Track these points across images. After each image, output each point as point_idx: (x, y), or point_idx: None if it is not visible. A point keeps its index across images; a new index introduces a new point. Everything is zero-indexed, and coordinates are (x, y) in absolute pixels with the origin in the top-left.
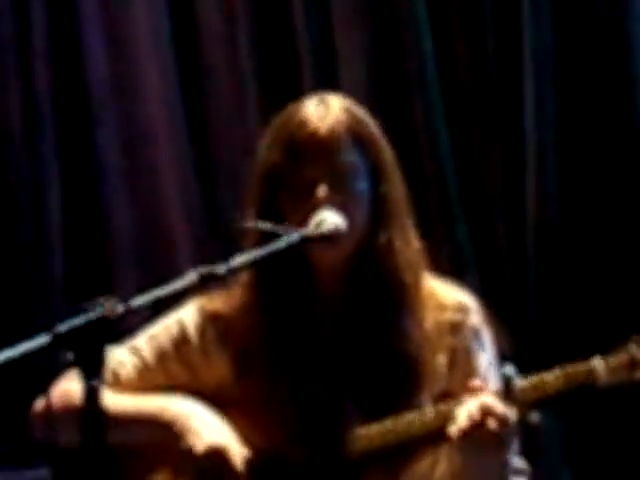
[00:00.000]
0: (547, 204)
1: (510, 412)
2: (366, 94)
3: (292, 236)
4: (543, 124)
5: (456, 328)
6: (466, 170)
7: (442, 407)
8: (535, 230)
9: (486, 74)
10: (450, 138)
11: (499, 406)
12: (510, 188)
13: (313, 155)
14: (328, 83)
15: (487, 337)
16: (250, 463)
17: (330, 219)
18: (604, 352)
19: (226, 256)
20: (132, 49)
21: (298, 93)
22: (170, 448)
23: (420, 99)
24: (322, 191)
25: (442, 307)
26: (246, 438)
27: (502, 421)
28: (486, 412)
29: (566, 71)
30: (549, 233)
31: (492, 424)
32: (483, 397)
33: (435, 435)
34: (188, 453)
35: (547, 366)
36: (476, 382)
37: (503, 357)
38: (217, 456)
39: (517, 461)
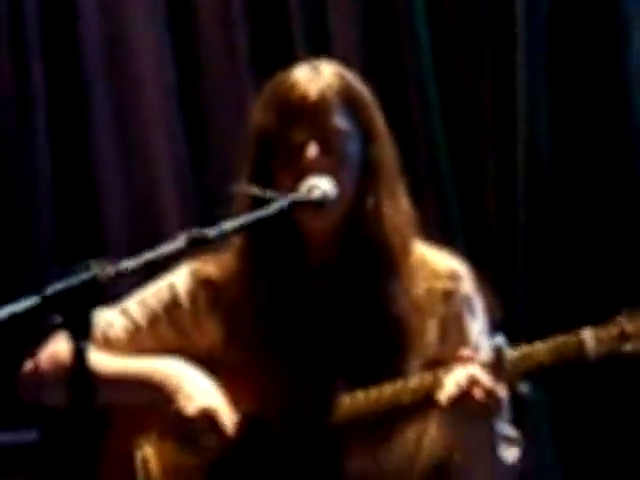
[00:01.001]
0: (538, 170)
1: (497, 384)
2: (359, 59)
3: (282, 201)
4: (535, 82)
5: (448, 296)
6: (456, 134)
7: (429, 376)
8: (525, 196)
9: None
10: (440, 101)
11: (486, 377)
12: (501, 154)
13: (303, 118)
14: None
15: (479, 305)
16: (238, 427)
17: (320, 185)
18: (594, 322)
19: (212, 218)
20: (126, 21)
21: (290, 55)
22: (158, 409)
23: (411, 61)
24: (312, 151)
25: (434, 274)
26: (234, 403)
27: (489, 392)
28: (473, 382)
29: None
30: (539, 200)
31: (479, 394)
32: (471, 368)
33: (422, 403)
34: (178, 415)
35: (536, 335)
36: (466, 351)
37: (494, 325)
38: (208, 418)
39: (509, 430)
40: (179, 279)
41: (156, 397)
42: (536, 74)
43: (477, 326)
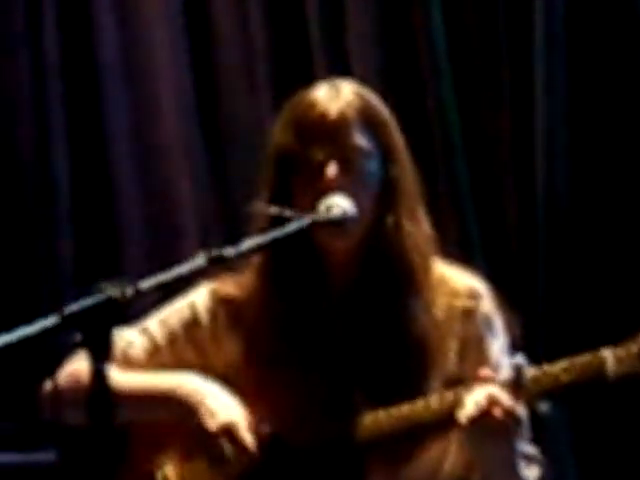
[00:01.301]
0: (557, 187)
1: (517, 403)
2: (378, 81)
3: (301, 220)
4: (553, 102)
5: (468, 315)
6: (476, 151)
7: (450, 394)
8: (545, 215)
9: (498, 51)
10: (461, 123)
11: (505, 396)
12: (520, 173)
13: (322, 137)
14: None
15: (499, 324)
16: (259, 444)
17: (339, 204)
18: (614, 341)
19: (233, 239)
20: (142, 20)
21: (309, 74)
22: (181, 427)
23: (432, 86)
24: (331, 170)
25: (454, 293)
26: (254, 421)
27: (507, 411)
28: (492, 401)
29: (577, 49)
30: (559, 218)
31: (498, 413)
32: (490, 387)
33: (443, 422)
34: (201, 431)
35: (557, 354)
36: (486, 371)
37: (514, 344)
38: (230, 435)
39: (530, 449)
40: (199, 298)
41: (178, 412)
42: (555, 93)
43: (497, 345)
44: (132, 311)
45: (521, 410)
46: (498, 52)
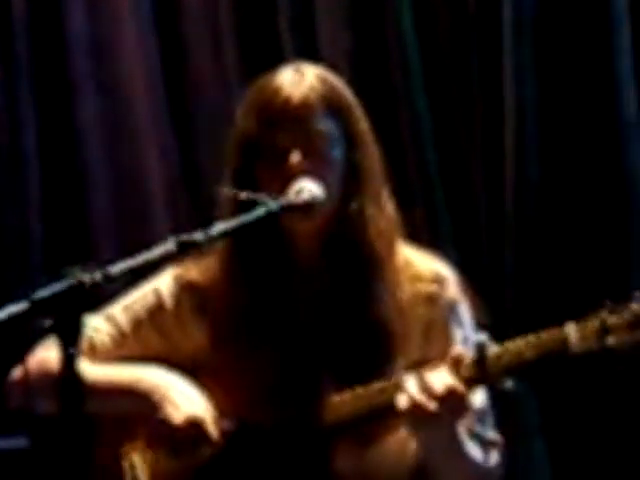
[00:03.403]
0: (526, 170)
1: (458, 387)
2: (346, 63)
3: (271, 204)
4: (523, 88)
5: (432, 299)
6: (445, 138)
7: (397, 378)
8: (514, 201)
9: (467, 35)
10: (429, 106)
11: (441, 386)
12: (488, 155)
13: (286, 122)
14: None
15: (464, 309)
16: (226, 433)
17: (308, 187)
18: (578, 318)
19: (204, 224)
20: (112, 9)
21: (278, 57)
22: (145, 419)
23: (399, 68)
24: (295, 157)
25: (418, 278)
26: (222, 406)
27: (443, 399)
28: (427, 392)
29: (546, 26)
30: (527, 201)
31: (431, 405)
32: (432, 374)
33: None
34: (165, 424)
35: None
36: (457, 350)
37: (482, 327)
38: (194, 427)
39: (490, 434)
40: (163, 284)
41: (142, 406)
42: (524, 80)
43: (461, 332)
44: (102, 296)
45: (464, 392)
46: (467, 36)
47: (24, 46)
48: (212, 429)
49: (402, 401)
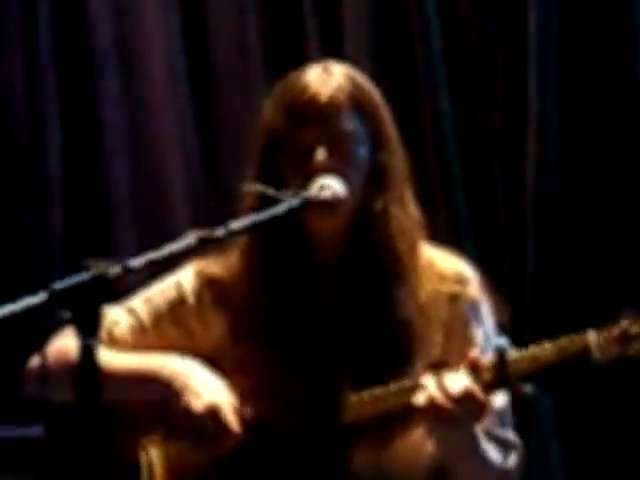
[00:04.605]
0: (547, 173)
1: (476, 391)
2: (371, 63)
3: (293, 200)
4: (545, 91)
5: (454, 299)
6: (467, 140)
7: (415, 378)
8: (534, 200)
9: (491, 37)
10: (452, 108)
11: (459, 387)
12: (510, 157)
13: (313, 120)
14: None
15: (485, 309)
16: (244, 426)
17: (331, 184)
18: (600, 325)
19: (224, 217)
20: (137, 4)
21: (302, 57)
22: (165, 407)
23: (424, 67)
24: (320, 155)
25: (441, 277)
26: (239, 402)
27: (458, 401)
28: (444, 393)
29: (570, 38)
30: (548, 203)
31: (448, 406)
32: (452, 376)
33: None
34: (185, 411)
35: (543, 338)
36: (474, 353)
37: (501, 329)
38: (215, 416)
39: (509, 435)
40: (185, 278)
41: (163, 393)
42: (547, 78)
43: (482, 331)
44: (122, 289)
45: (481, 398)
46: (492, 38)
47: (50, 41)
48: (232, 418)
49: (420, 399)
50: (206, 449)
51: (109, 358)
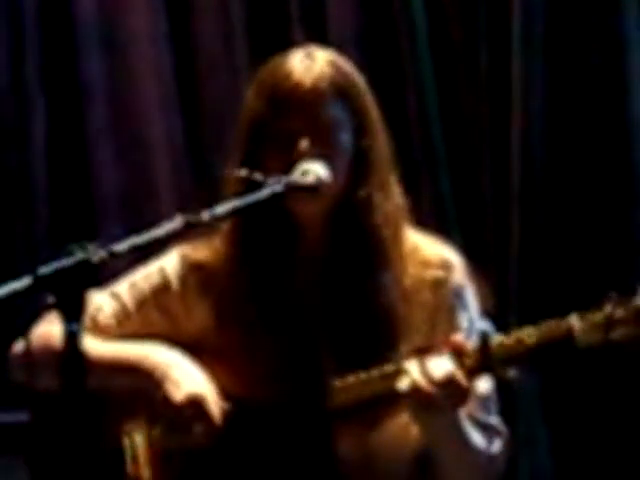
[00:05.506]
0: (532, 158)
1: (459, 375)
2: (355, 47)
3: (276, 185)
4: (531, 76)
5: (438, 285)
6: (452, 123)
7: (397, 363)
8: (520, 185)
9: (476, 21)
10: (437, 91)
11: (442, 372)
12: (495, 143)
13: (296, 107)
14: (317, 34)
15: (470, 295)
16: (227, 414)
17: (315, 169)
18: (584, 310)
19: (210, 204)
20: (123, 8)
21: (286, 41)
22: (147, 396)
23: (408, 52)
24: (304, 144)
25: (425, 263)
26: (224, 387)
27: (441, 387)
28: (427, 377)
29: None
30: (533, 187)
31: (431, 390)
32: (435, 361)
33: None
34: (166, 401)
35: (528, 323)
36: (457, 337)
37: (485, 315)
38: (195, 406)
39: (494, 421)
40: (169, 263)
41: (144, 383)
42: (531, 64)
43: (467, 317)
44: (106, 273)
45: (465, 381)
46: (476, 22)
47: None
48: (212, 408)
49: (403, 384)
50: (187, 437)
51: (92, 346)
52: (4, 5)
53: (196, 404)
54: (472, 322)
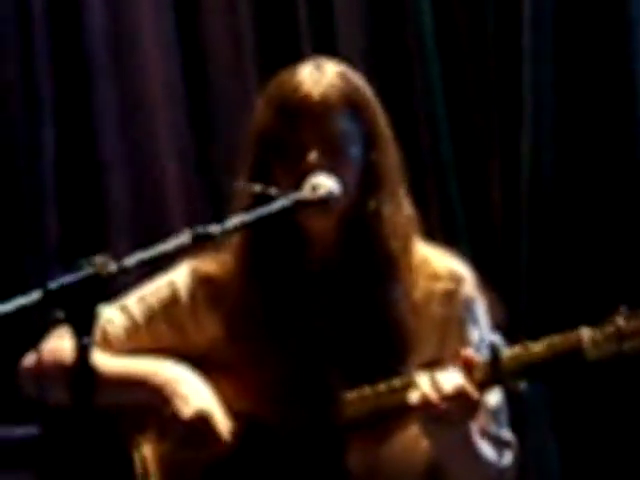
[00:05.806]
0: (542, 170)
1: (469, 389)
2: (363, 61)
3: (286, 199)
4: (541, 83)
5: (448, 298)
6: (461, 134)
7: (409, 376)
8: (529, 197)
9: (484, 30)
10: (446, 103)
11: (451, 386)
12: (505, 154)
13: (305, 120)
14: (326, 47)
15: (480, 308)
16: (235, 430)
17: (325, 183)
18: (595, 323)
19: (218, 217)
20: (131, 12)
21: (296, 51)
22: (156, 411)
23: (417, 64)
24: (313, 156)
25: (435, 276)
26: (232, 402)
27: (453, 399)
28: (437, 391)
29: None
30: (543, 200)
31: (441, 404)
32: (445, 374)
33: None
34: (174, 418)
35: (538, 336)
36: (468, 351)
37: (496, 327)
38: (202, 422)
39: (505, 433)
40: (179, 277)
41: (154, 399)
42: (542, 72)
43: (477, 330)
44: (117, 287)
45: (475, 394)
46: (485, 31)
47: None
48: (220, 425)
49: (413, 398)
50: (195, 452)
51: (102, 362)
52: (13, 11)
53: (204, 420)
54: (482, 335)
